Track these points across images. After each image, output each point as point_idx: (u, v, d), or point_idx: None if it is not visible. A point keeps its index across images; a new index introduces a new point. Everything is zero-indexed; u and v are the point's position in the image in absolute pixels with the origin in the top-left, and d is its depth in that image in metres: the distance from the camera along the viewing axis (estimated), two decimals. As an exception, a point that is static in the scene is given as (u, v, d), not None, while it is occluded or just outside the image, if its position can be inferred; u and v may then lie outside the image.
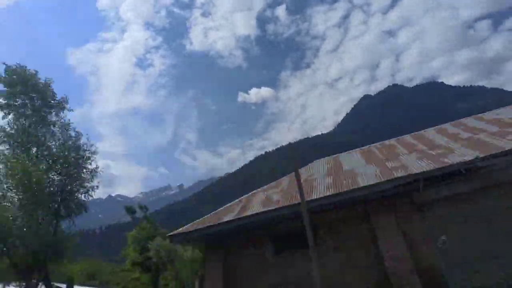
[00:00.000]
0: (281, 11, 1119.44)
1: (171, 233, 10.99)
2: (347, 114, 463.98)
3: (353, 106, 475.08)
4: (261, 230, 10.55)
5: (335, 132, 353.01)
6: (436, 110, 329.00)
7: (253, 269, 10.34)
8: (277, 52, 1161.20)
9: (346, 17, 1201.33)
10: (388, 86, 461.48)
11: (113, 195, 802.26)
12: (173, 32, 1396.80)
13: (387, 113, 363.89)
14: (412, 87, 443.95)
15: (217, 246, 10.91)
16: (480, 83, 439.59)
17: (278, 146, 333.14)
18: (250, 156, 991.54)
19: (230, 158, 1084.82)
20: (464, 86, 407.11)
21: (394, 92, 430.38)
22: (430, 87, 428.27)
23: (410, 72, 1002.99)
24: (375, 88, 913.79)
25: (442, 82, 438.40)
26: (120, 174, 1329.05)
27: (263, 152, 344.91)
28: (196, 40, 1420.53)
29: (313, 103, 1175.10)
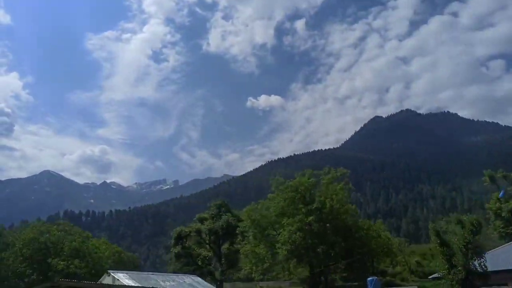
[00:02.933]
0: (300, 24, 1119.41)
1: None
2: (355, 132, 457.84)
3: (362, 126, 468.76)
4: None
5: (343, 148, 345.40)
6: (447, 141, 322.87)
7: None
8: (290, 64, 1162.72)
9: (363, 39, 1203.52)
10: (401, 110, 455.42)
11: (108, 181, 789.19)
12: (192, 31, 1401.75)
13: (396, 136, 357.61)
14: (425, 114, 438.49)
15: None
16: (489, 120, 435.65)
17: (282, 157, 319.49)
18: (248, 161, 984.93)
19: (228, 161, 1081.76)
20: (478, 120, 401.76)
21: (406, 117, 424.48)
22: (443, 117, 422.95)
23: (418, 100, 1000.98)
24: (381, 112, 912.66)
25: (456, 114, 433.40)
26: (117, 161, 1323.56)
27: (264, 162, 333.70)
28: (214, 42, 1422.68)
29: (318, 118, 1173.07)
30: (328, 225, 32.83)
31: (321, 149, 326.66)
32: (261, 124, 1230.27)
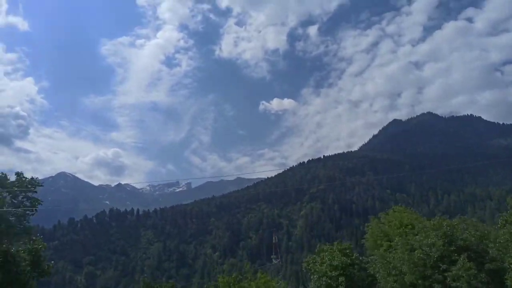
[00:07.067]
0: (312, 30, 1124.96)
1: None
2: (374, 136, 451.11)
3: (381, 129, 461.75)
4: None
5: (369, 150, 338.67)
6: (476, 144, 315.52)
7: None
8: (302, 69, 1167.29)
9: (375, 44, 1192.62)
10: (422, 113, 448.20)
11: (122, 183, 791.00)
12: (205, 36, 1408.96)
13: (420, 139, 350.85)
14: (447, 117, 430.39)
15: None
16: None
17: (298, 163, 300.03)
18: (258, 165, 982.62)
19: (238, 165, 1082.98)
20: (503, 124, 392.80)
21: (427, 120, 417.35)
22: (467, 120, 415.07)
23: (430, 105, 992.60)
24: (392, 117, 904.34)
25: (480, 117, 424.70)
26: (131, 164, 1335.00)
27: (281, 170, 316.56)
28: (226, 48, 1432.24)
29: (329, 123, 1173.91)
30: None
31: (351, 151, 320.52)
32: (272, 129, 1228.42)
